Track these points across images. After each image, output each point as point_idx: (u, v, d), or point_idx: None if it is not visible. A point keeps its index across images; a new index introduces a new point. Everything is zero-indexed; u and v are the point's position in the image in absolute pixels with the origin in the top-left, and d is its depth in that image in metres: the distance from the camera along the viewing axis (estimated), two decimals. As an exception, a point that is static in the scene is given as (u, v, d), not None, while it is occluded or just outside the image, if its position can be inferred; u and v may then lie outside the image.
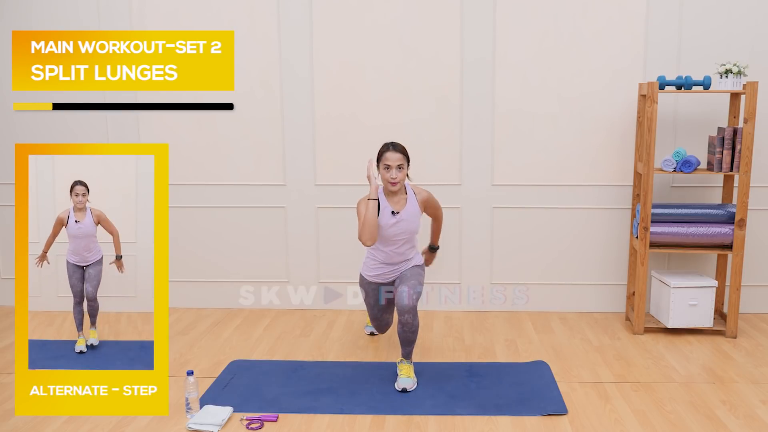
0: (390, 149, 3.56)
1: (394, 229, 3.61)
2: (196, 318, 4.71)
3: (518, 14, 4.48)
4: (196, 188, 4.79)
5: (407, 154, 3.60)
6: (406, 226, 3.62)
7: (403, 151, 3.59)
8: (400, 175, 3.54)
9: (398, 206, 3.61)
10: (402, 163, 3.55)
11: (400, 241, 3.64)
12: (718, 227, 4.19)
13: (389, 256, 3.68)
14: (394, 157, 3.54)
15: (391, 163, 3.54)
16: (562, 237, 4.70)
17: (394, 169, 3.54)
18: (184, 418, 3.23)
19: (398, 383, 3.54)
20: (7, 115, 4.78)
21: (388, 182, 3.56)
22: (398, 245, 3.65)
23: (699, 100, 4.49)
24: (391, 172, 3.54)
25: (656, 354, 4.01)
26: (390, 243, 3.65)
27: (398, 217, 3.60)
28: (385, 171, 3.56)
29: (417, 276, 3.69)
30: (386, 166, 3.55)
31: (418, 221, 3.68)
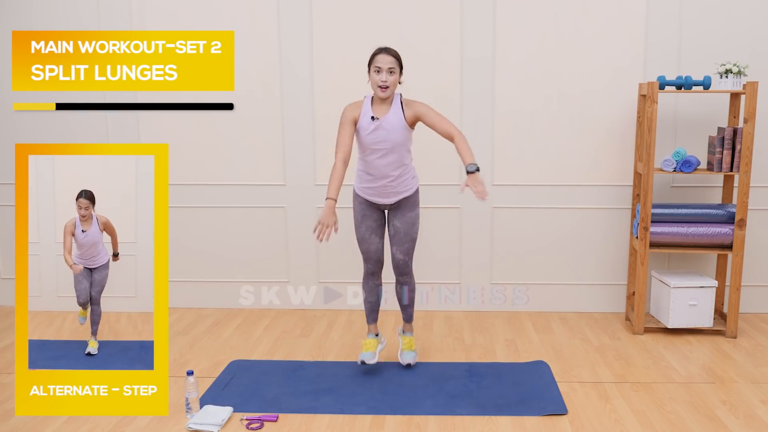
0: (382, 52, 3.40)
1: (373, 137, 3.46)
2: (196, 318, 4.71)
3: (518, 14, 4.48)
4: (196, 188, 4.79)
5: (401, 60, 3.45)
6: (385, 135, 3.44)
7: (396, 55, 3.42)
8: (390, 79, 3.39)
9: (381, 113, 3.47)
10: (393, 67, 3.39)
11: (380, 151, 3.48)
12: (718, 227, 4.19)
13: (372, 167, 3.53)
14: (385, 59, 3.38)
15: (381, 65, 3.38)
16: (562, 237, 4.71)
17: (384, 72, 3.38)
18: (184, 418, 3.24)
19: (403, 357, 3.58)
20: (7, 115, 4.78)
21: (377, 86, 3.40)
22: (379, 155, 3.49)
23: (699, 100, 4.49)
24: (381, 75, 3.38)
25: (656, 354, 4.01)
26: (370, 151, 3.50)
27: (377, 123, 3.43)
28: (375, 73, 3.40)
29: (408, 229, 3.63)
30: (377, 69, 3.39)
31: (402, 134, 3.48)
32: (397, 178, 3.56)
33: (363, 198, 3.66)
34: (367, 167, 3.56)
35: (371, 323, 3.88)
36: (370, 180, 3.59)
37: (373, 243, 3.71)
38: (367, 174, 3.58)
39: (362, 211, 3.68)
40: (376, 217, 3.69)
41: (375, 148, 3.49)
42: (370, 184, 3.60)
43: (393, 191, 3.60)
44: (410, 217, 3.66)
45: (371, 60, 3.45)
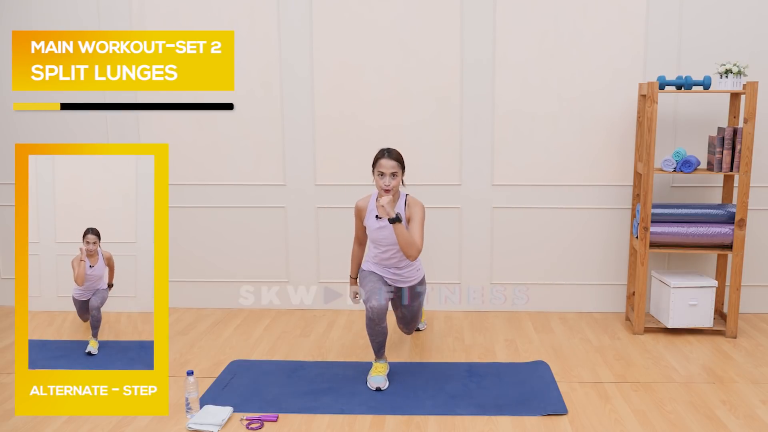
0: (385, 156, 3.55)
1: (378, 233, 3.65)
2: (196, 318, 4.71)
3: (518, 14, 4.48)
4: (196, 188, 4.79)
5: (402, 162, 3.60)
6: (389, 233, 3.62)
7: (398, 158, 3.57)
8: (393, 182, 3.53)
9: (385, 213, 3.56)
10: (396, 171, 3.54)
11: (385, 246, 3.67)
12: (718, 227, 4.19)
13: (381, 258, 3.73)
14: (388, 164, 3.53)
15: (385, 170, 3.54)
16: (562, 237, 4.70)
17: (387, 176, 3.53)
18: (184, 418, 3.24)
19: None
20: (7, 115, 4.78)
21: (381, 189, 3.56)
22: (384, 249, 3.68)
23: (699, 100, 4.49)
24: (385, 180, 3.54)
25: (656, 354, 4.01)
26: (377, 245, 3.71)
27: (381, 222, 3.63)
28: (378, 177, 3.56)
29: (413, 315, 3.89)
30: (380, 173, 3.55)
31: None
32: (403, 269, 3.75)
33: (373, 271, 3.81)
34: (376, 258, 3.76)
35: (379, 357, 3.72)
36: (379, 268, 3.78)
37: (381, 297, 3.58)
38: (376, 263, 3.78)
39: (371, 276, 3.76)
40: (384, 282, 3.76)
41: (382, 244, 3.68)
42: (379, 271, 3.79)
43: (399, 279, 3.77)
44: (415, 305, 3.87)
45: (374, 163, 3.59)
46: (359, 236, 3.86)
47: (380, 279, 3.74)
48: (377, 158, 3.58)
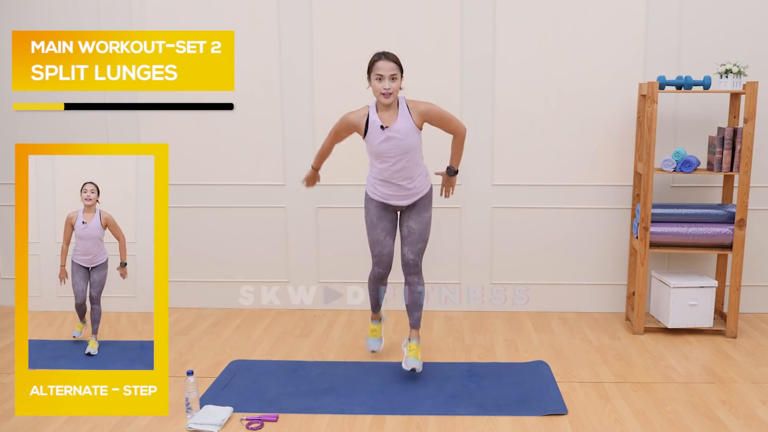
0: (382, 58, 3.35)
1: (384, 146, 3.43)
2: (196, 318, 4.71)
3: (518, 14, 4.48)
4: (196, 188, 4.79)
5: (401, 64, 3.40)
6: (396, 143, 3.42)
7: (396, 60, 3.37)
8: (393, 85, 3.34)
9: (388, 120, 3.43)
10: (395, 73, 3.34)
11: (392, 158, 3.46)
12: (718, 227, 4.19)
13: (386, 173, 3.51)
14: (386, 66, 3.33)
15: (383, 72, 3.33)
16: (562, 237, 4.70)
17: (387, 79, 3.33)
18: (184, 418, 3.24)
19: (407, 362, 3.54)
20: (7, 115, 4.78)
21: (380, 93, 3.36)
22: (392, 162, 3.47)
23: (699, 100, 4.49)
24: (384, 83, 3.34)
25: (656, 354, 4.01)
26: (383, 159, 3.48)
27: (387, 132, 3.41)
28: (377, 81, 3.35)
29: (421, 231, 3.61)
30: (378, 76, 3.35)
31: (414, 137, 3.46)
32: (412, 180, 3.56)
33: (378, 201, 3.63)
34: (381, 174, 3.54)
35: (376, 312, 3.94)
36: (384, 185, 3.57)
37: (387, 245, 3.67)
38: (381, 180, 3.57)
39: (377, 213, 3.64)
40: (390, 218, 3.67)
41: (387, 156, 3.47)
42: (384, 189, 3.58)
43: (408, 193, 3.58)
44: (425, 217, 3.65)
45: (371, 67, 3.41)
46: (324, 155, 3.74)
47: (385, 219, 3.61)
48: (373, 61, 3.38)
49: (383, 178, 3.55)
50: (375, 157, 3.52)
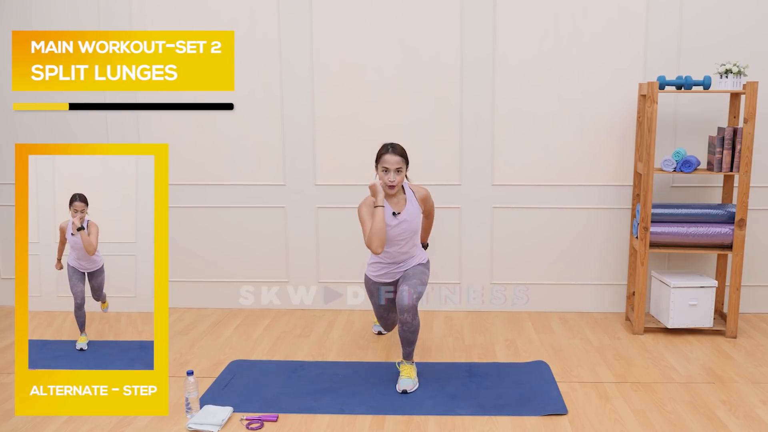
0: (389, 151, 3.52)
1: (397, 230, 3.59)
2: (196, 318, 4.71)
3: (518, 14, 4.48)
4: (196, 188, 4.79)
5: (406, 157, 3.57)
6: (407, 226, 3.60)
7: (403, 153, 3.55)
8: (398, 178, 3.51)
9: (398, 207, 3.60)
10: (401, 167, 3.51)
11: (402, 242, 3.63)
12: (718, 227, 4.19)
13: (393, 256, 3.67)
14: (392, 159, 3.50)
15: (389, 166, 3.50)
16: (562, 237, 4.70)
17: (392, 172, 3.50)
18: (184, 418, 3.24)
19: (399, 384, 3.54)
20: (7, 115, 4.78)
21: (385, 185, 3.53)
22: (401, 245, 3.64)
23: (699, 100, 4.49)
24: (389, 175, 3.51)
25: (656, 354, 4.01)
26: (393, 244, 3.62)
27: (400, 218, 3.58)
28: (383, 173, 3.52)
29: (419, 275, 3.65)
30: (384, 169, 3.52)
31: (419, 220, 3.67)
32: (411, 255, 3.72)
33: (380, 283, 3.77)
34: (387, 258, 3.68)
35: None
36: (388, 267, 3.71)
37: (391, 318, 3.88)
38: (386, 264, 3.70)
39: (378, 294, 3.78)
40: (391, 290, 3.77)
41: (398, 240, 3.62)
42: (387, 270, 3.72)
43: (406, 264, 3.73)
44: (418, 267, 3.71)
45: (378, 158, 3.55)
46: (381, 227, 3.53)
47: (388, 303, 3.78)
48: (381, 154, 3.54)
49: (389, 261, 3.69)
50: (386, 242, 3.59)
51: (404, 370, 3.58)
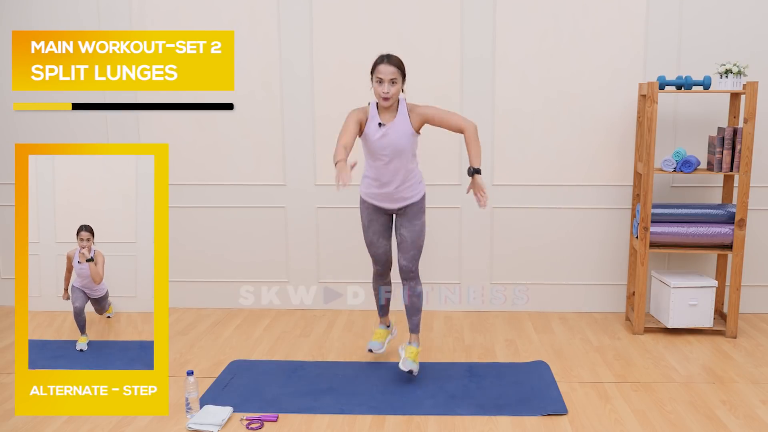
0: (384, 61, 3.36)
1: (380, 143, 3.45)
2: (196, 318, 4.71)
3: (518, 13, 4.48)
4: (196, 188, 4.79)
5: (403, 68, 3.41)
6: (390, 141, 3.43)
7: (398, 64, 3.39)
8: (393, 89, 3.36)
9: (387, 120, 3.47)
10: (395, 77, 3.36)
11: (386, 157, 3.47)
12: (718, 227, 4.19)
13: (378, 173, 3.53)
14: (387, 70, 3.35)
15: (383, 76, 3.35)
16: (562, 237, 4.70)
17: (386, 83, 3.35)
18: (184, 418, 3.24)
19: (404, 363, 3.53)
20: (7, 115, 4.78)
21: (380, 97, 3.40)
22: (385, 161, 3.48)
23: (699, 100, 4.49)
24: (384, 86, 3.36)
25: (656, 354, 4.01)
26: (377, 157, 3.49)
27: (384, 129, 3.43)
28: (377, 84, 3.38)
29: (413, 239, 3.60)
30: (378, 80, 3.37)
31: (408, 139, 3.48)
32: (402, 183, 3.55)
33: (370, 203, 3.65)
34: (373, 173, 3.56)
35: (382, 316, 3.93)
36: (376, 186, 3.58)
37: (381, 246, 3.72)
38: (374, 180, 3.58)
39: (369, 216, 3.67)
40: (383, 221, 3.68)
41: (381, 154, 3.48)
42: (376, 190, 3.59)
43: (399, 196, 3.59)
44: (417, 224, 3.64)
45: (373, 69, 3.42)
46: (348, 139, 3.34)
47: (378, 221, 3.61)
48: (376, 64, 3.39)
49: (375, 177, 3.55)
50: (370, 154, 3.53)
51: (411, 353, 3.60)
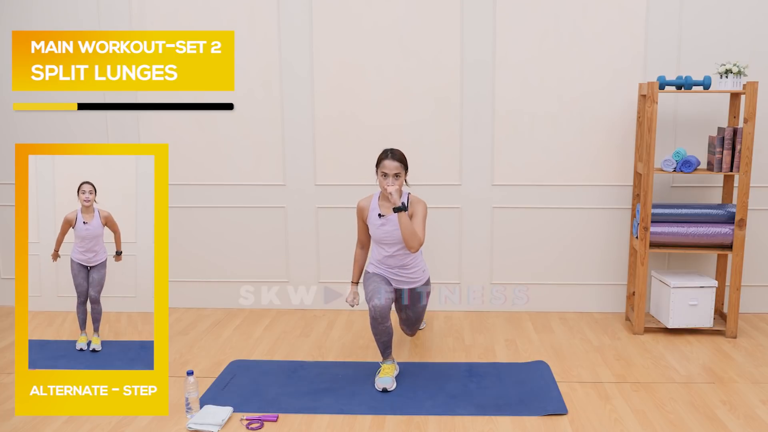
0: (388, 157, 3.58)
1: (381, 232, 3.66)
2: (196, 318, 4.71)
3: (518, 14, 4.48)
4: (196, 188, 4.79)
5: (405, 162, 3.62)
6: (390, 231, 3.64)
7: (402, 159, 3.60)
8: (396, 183, 3.56)
9: (387, 210, 3.66)
10: (399, 172, 3.57)
11: (389, 244, 3.67)
12: (718, 227, 4.19)
13: (383, 257, 3.72)
14: (391, 165, 3.56)
15: (388, 171, 3.56)
16: (562, 237, 4.70)
17: (391, 177, 3.56)
18: (184, 418, 3.24)
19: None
20: (7, 115, 4.78)
21: (384, 190, 3.57)
22: (387, 247, 3.68)
23: (699, 100, 4.49)
24: (388, 180, 3.56)
25: (656, 354, 4.01)
26: (381, 245, 3.70)
27: (383, 219, 3.65)
28: (382, 178, 3.58)
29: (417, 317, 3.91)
30: (383, 174, 3.58)
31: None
32: (405, 268, 3.73)
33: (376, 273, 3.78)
34: (379, 256, 3.74)
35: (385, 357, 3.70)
36: (382, 268, 3.76)
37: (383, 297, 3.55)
38: (380, 262, 3.76)
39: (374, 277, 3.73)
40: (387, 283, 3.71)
41: (385, 242, 3.68)
42: (382, 269, 3.76)
43: (403, 279, 3.76)
44: (420, 307, 3.88)
45: (378, 163, 3.61)
46: (362, 238, 3.83)
47: (383, 279, 3.73)
48: (380, 159, 3.60)
49: (381, 260, 3.74)
50: (375, 242, 3.75)
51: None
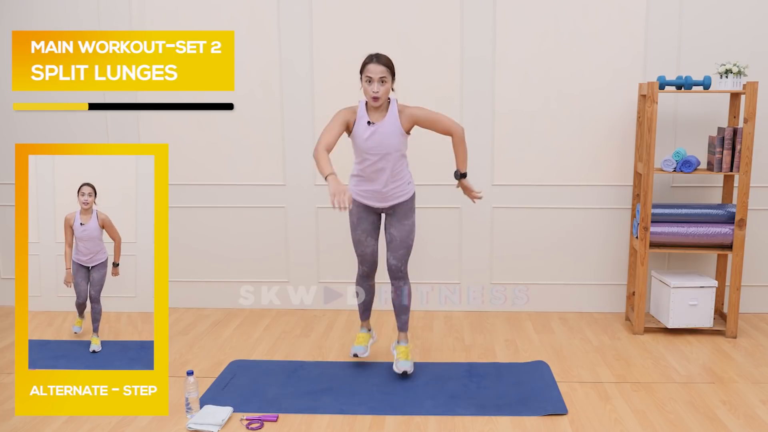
0: (373, 61, 3.34)
1: (369, 142, 3.44)
2: (196, 318, 4.71)
3: (518, 13, 4.48)
4: (196, 188, 4.79)
5: (392, 67, 3.39)
6: (380, 140, 3.42)
7: (388, 63, 3.37)
8: (382, 89, 3.35)
9: (377, 119, 3.45)
10: (385, 76, 3.34)
11: (375, 156, 3.46)
12: (718, 227, 4.19)
13: (366, 172, 3.52)
14: (376, 69, 3.33)
15: (373, 75, 3.33)
16: (562, 237, 4.70)
17: (376, 82, 3.33)
18: (184, 418, 3.24)
19: (397, 366, 3.54)
20: (7, 115, 4.78)
21: (369, 96, 3.37)
22: (373, 161, 3.47)
23: (699, 100, 4.49)
24: (373, 86, 3.34)
25: (656, 354, 4.01)
26: (365, 157, 3.48)
27: (373, 128, 3.42)
28: (366, 84, 3.36)
29: (402, 238, 3.61)
30: (368, 79, 3.35)
31: (397, 139, 3.46)
32: (391, 183, 3.54)
33: (359, 202, 3.65)
34: (362, 172, 3.56)
35: (364, 320, 3.93)
36: (365, 184, 3.58)
37: (368, 246, 3.71)
38: (362, 179, 3.57)
39: (358, 214, 3.67)
40: (371, 220, 3.68)
41: (370, 154, 3.47)
42: (365, 188, 3.59)
43: (388, 196, 3.58)
44: (406, 224, 3.64)
45: (362, 68, 3.41)
46: (330, 142, 3.34)
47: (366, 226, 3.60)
48: (365, 63, 3.37)
49: (364, 176, 3.54)
50: (358, 153, 3.52)
51: (401, 352, 3.60)
